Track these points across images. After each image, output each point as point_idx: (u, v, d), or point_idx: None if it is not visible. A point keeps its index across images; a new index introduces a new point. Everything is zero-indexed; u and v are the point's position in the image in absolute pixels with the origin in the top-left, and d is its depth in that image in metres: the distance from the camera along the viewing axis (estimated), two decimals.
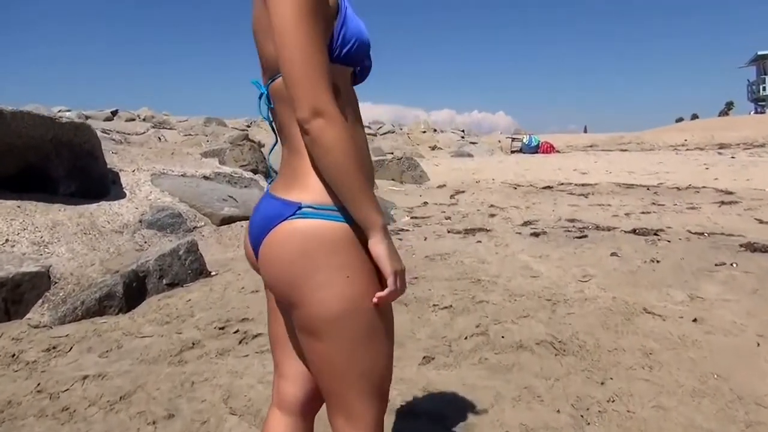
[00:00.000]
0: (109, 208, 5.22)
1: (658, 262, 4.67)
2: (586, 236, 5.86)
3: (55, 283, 3.88)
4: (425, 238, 5.97)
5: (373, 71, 1.25)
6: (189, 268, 4.52)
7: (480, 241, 5.72)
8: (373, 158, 14.49)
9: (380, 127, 30.00)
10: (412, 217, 7.50)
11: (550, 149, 24.09)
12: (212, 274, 4.65)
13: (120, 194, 5.60)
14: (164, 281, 4.30)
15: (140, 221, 5.26)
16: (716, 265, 4.48)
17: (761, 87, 43.61)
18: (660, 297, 3.74)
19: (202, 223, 5.63)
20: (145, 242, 5.02)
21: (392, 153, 16.71)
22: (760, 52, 42.86)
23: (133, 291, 3.94)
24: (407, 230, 6.51)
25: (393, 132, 28.88)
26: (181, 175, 6.56)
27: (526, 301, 3.72)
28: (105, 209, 5.18)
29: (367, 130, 24.78)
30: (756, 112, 44.37)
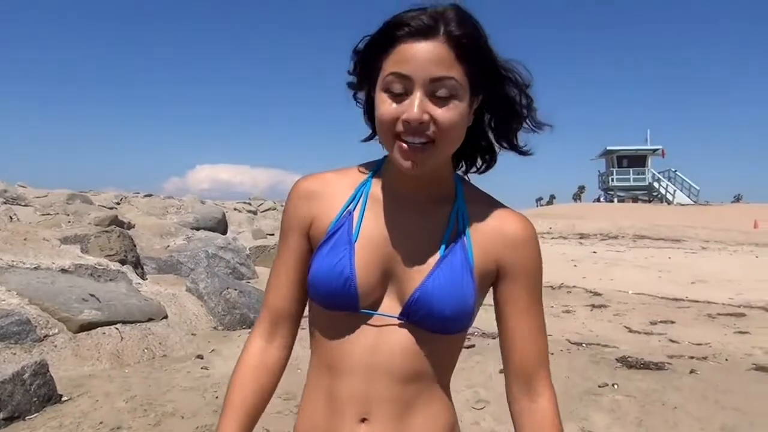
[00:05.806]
0: None
1: None
2: (473, 345, 5.83)
3: None
4: None
5: (249, 130, 0.96)
6: (35, 394, 3.85)
7: None
8: (255, 243, 13.35)
9: (261, 204, 25.20)
10: None
11: None
12: (63, 399, 4.00)
13: None
14: (1, 415, 3.61)
15: None
16: (599, 386, 4.57)
17: (610, 178, 48.52)
18: None
19: (56, 330, 4.91)
20: None
21: (273, 234, 16.07)
22: (608, 147, 47.85)
23: None
24: None
25: (275, 209, 23.78)
26: (34, 268, 5.78)
27: None
28: None
29: (247, 207, 22.74)
30: (605, 200, 49.32)
